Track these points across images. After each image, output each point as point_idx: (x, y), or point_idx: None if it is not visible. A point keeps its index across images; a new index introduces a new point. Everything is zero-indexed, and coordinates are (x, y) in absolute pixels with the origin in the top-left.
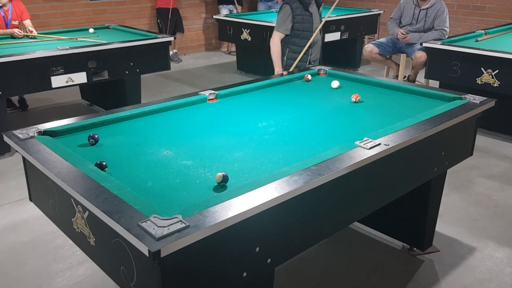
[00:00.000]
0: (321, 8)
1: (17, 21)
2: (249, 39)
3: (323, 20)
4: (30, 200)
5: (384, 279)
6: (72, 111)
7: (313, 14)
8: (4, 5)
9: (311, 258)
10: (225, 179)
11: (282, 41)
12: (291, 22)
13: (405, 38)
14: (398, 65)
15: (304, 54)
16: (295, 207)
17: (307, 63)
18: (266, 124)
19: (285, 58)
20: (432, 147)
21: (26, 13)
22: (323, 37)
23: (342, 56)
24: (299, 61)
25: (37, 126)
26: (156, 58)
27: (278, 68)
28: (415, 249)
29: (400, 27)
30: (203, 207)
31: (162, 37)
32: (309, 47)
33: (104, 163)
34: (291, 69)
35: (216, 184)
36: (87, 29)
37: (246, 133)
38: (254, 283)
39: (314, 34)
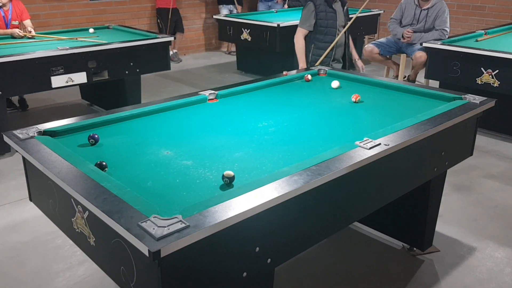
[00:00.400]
0: (345, 6)
1: (17, 21)
2: (249, 39)
3: (354, 16)
4: (30, 200)
5: (384, 279)
6: (72, 111)
7: (337, 12)
8: (4, 5)
9: (311, 258)
10: (233, 178)
11: (306, 37)
12: (314, 19)
13: (409, 37)
14: (398, 65)
15: (327, 56)
16: (295, 207)
17: (331, 59)
18: (266, 124)
19: (310, 54)
20: (432, 147)
21: (26, 13)
22: None
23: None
24: (325, 57)
25: (37, 126)
26: (156, 58)
27: (302, 64)
28: (415, 249)
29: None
30: (203, 207)
31: (162, 37)
32: (334, 45)
33: (104, 163)
34: (316, 64)
35: (216, 183)
36: (87, 29)
37: (246, 133)
38: (254, 283)
39: (342, 31)
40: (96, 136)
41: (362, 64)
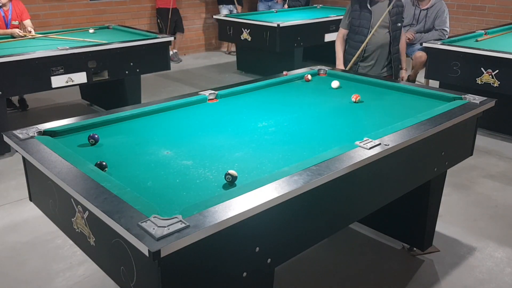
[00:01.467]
0: (393, 6)
1: (17, 21)
2: (249, 39)
3: (382, 16)
4: (30, 200)
5: (384, 279)
6: (72, 111)
7: (373, 12)
8: (4, 5)
9: (311, 258)
10: (235, 178)
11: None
12: (349, 18)
13: (410, 39)
14: None
15: (356, 55)
16: (295, 207)
17: (360, 59)
18: (266, 124)
19: (345, 54)
20: (432, 147)
21: (26, 13)
22: (322, 37)
23: None
24: (356, 58)
25: (37, 126)
26: (156, 58)
27: (338, 62)
28: (415, 249)
29: None
30: (203, 207)
31: (162, 37)
32: (366, 45)
33: (104, 163)
34: (347, 68)
35: (216, 183)
36: (87, 29)
37: (246, 133)
38: (254, 283)
39: (371, 33)
40: (96, 136)
41: (404, 75)
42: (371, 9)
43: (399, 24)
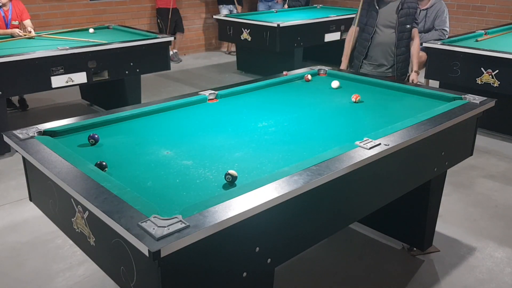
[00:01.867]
0: (402, 6)
1: (17, 21)
2: (249, 39)
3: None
4: (30, 200)
5: (384, 279)
6: (72, 111)
7: (379, 12)
8: (4, 5)
9: (311, 258)
10: (235, 178)
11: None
12: (358, 15)
13: None
14: None
15: (359, 53)
16: (295, 207)
17: (363, 57)
18: (266, 124)
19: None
20: (432, 147)
21: (26, 13)
22: (322, 37)
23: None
24: (350, 58)
25: (37, 126)
26: (156, 58)
27: (343, 58)
28: (415, 249)
29: None
30: (203, 207)
31: (162, 37)
32: (369, 43)
33: (104, 163)
34: (345, 67)
35: (216, 183)
36: (87, 29)
37: (246, 133)
38: (254, 283)
39: (353, 32)
40: (96, 136)
41: (414, 78)
42: (378, 9)
43: (408, 26)
